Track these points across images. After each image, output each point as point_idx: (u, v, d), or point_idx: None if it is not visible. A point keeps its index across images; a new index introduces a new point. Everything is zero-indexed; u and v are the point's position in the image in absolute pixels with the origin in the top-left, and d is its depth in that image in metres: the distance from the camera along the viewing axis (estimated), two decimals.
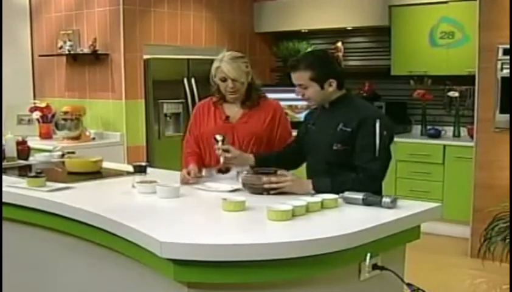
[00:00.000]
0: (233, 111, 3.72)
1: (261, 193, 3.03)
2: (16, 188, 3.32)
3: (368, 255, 2.49)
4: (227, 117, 3.70)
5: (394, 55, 6.94)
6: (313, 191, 3.01)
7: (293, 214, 2.59)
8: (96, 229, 2.74)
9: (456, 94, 6.60)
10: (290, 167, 3.36)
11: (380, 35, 7.25)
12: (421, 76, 6.82)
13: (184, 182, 3.41)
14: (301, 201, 2.73)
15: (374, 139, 3.05)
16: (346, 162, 3.11)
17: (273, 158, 3.46)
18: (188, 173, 3.50)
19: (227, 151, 3.36)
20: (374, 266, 2.58)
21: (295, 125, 4.00)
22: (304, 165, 3.45)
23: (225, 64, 3.58)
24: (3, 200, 3.28)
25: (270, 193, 3.04)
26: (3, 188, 3.32)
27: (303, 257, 2.28)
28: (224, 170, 3.54)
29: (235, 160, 3.40)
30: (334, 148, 3.15)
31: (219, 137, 3.38)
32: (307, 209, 2.70)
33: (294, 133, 3.59)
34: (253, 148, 3.62)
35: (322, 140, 3.23)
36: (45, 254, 3.24)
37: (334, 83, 3.18)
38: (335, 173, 3.10)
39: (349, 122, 3.13)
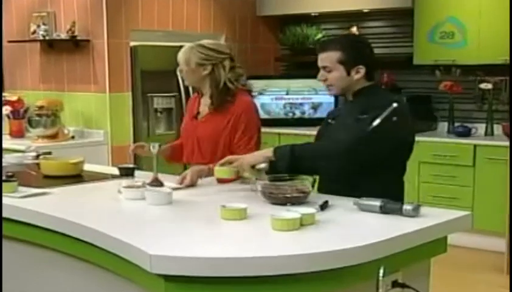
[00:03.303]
0: (205, 107, 3.88)
1: (284, 204, 3.02)
2: None
3: (381, 268, 2.48)
4: (197, 114, 3.90)
5: (417, 42, 6.95)
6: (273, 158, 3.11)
7: (301, 223, 2.61)
8: (76, 241, 2.75)
9: (489, 86, 6.61)
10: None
11: (402, 19, 7.26)
12: (449, 65, 6.83)
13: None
14: (311, 208, 2.76)
15: (375, 117, 3.08)
16: (368, 163, 3.09)
17: None
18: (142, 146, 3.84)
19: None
20: (394, 283, 2.59)
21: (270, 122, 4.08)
22: None
23: (181, 49, 3.86)
24: None
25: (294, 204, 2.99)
26: None
27: (312, 272, 2.29)
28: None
29: None
30: None
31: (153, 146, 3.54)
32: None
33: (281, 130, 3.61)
34: (206, 152, 3.78)
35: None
36: (18, 270, 3.25)
37: (363, 71, 3.23)
38: (355, 180, 3.11)
39: (366, 110, 3.15)
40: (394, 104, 3.13)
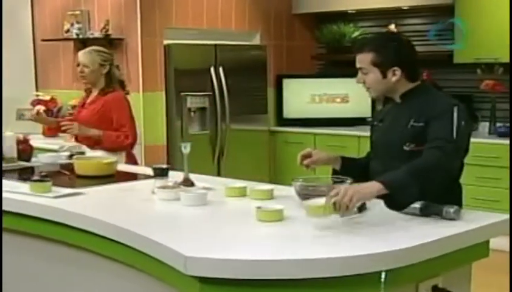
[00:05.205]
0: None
1: None
2: (17, 194, 3.36)
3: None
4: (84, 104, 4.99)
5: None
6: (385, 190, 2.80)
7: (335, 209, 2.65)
8: (110, 241, 2.78)
9: None
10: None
11: (442, 16, 7.20)
12: (491, 64, 6.76)
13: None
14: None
15: (451, 125, 2.99)
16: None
17: (359, 165, 3.41)
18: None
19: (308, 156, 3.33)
20: (435, 288, 2.57)
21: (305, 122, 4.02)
22: None
23: (81, 53, 4.86)
24: (2, 208, 3.32)
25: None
26: (2, 194, 3.36)
27: (350, 276, 2.29)
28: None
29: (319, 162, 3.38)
30: (406, 148, 3.10)
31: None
32: None
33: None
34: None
35: (391, 139, 3.20)
36: (51, 270, 3.29)
37: (399, 73, 3.14)
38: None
39: (421, 116, 3.09)
40: (455, 109, 3.04)
